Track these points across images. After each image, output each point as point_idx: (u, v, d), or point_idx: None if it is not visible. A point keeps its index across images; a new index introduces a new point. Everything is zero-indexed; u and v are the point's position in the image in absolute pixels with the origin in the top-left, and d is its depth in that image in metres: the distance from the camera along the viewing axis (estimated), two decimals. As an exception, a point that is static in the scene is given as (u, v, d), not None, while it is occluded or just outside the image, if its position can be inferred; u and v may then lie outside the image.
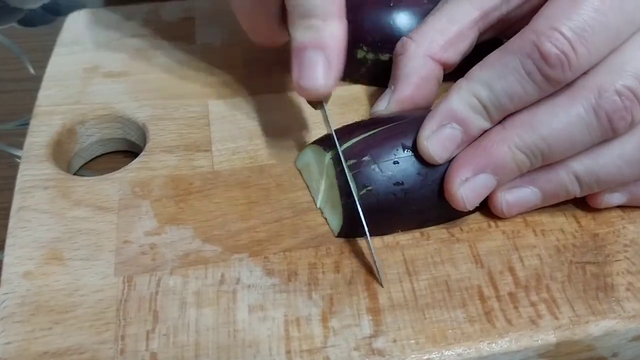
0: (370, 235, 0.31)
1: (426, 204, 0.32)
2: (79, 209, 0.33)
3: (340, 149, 0.32)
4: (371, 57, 0.41)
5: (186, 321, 0.28)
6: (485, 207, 0.33)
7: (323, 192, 0.33)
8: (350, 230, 0.32)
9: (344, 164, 0.31)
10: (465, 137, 0.31)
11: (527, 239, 0.32)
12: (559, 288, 0.30)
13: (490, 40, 0.37)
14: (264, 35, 0.37)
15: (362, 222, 0.30)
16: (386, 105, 0.35)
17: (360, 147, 0.32)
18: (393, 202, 0.31)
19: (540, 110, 0.30)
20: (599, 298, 0.29)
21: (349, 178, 0.31)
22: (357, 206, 0.31)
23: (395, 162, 0.31)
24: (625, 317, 0.29)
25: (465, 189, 0.31)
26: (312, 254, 0.31)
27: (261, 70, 0.43)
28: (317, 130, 0.38)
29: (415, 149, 0.32)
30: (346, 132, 0.34)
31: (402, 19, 0.40)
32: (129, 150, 0.40)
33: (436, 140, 0.31)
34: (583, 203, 0.34)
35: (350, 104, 0.40)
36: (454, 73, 0.36)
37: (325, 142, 0.34)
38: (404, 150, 0.32)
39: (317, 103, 0.34)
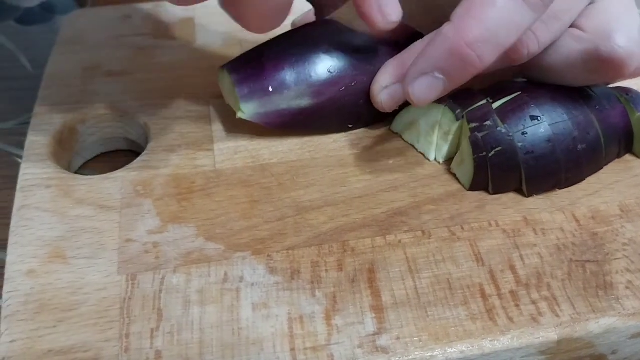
0: (501, 192, 0.35)
1: (555, 168, 0.34)
2: (81, 207, 0.33)
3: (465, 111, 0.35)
4: None
5: (190, 319, 0.28)
6: (486, 207, 0.34)
7: (436, 145, 0.36)
8: (481, 182, 0.34)
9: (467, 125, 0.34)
10: None
11: (527, 237, 0.32)
12: (560, 286, 0.30)
13: None
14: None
15: (490, 177, 0.34)
16: None
17: (486, 111, 0.34)
18: (524, 168, 0.33)
19: None
20: (599, 296, 0.30)
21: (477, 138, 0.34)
22: (487, 162, 0.33)
23: (524, 133, 0.33)
24: (624, 315, 0.29)
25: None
26: (315, 252, 0.31)
27: (261, 69, 0.43)
28: (318, 129, 0.38)
29: (543, 119, 0.34)
30: (469, 95, 0.36)
31: None
32: (129, 149, 0.40)
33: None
34: (582, 203, 0.34)
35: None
36: None
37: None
38: (532, 120, 0.34)
39: None
